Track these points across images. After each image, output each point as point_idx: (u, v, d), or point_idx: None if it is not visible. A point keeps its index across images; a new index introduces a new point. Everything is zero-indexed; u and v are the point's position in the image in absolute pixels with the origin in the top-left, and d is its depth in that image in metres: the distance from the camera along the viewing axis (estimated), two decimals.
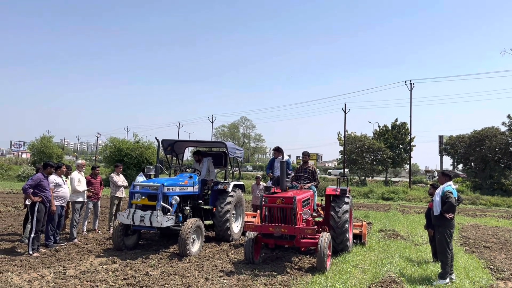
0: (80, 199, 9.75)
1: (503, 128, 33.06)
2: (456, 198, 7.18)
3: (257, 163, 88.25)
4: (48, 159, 35.76)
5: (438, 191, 7.20)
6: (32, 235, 7.95)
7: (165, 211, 8.46)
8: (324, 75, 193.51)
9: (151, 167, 10.11)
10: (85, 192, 9.97)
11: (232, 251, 8.96)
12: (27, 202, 8.82)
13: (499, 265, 8.22)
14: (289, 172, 9.92)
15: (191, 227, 8.18)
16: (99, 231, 10.80)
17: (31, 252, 7.87)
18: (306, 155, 10.09)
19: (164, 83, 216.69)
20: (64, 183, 8.99)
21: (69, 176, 9.70)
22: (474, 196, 28.25)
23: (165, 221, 8.18)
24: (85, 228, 10.42)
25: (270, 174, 10.51)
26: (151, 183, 8.67)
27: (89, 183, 10.45)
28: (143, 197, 8.52)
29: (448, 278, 6.86)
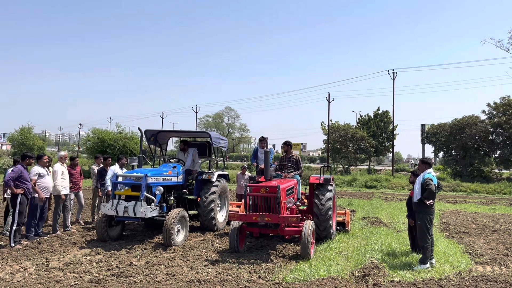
0: (64, 192, 9.56)
1: (483, 116, 33.64)
2: (436, 185, 7.32)
3: (242, 152, 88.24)
4: (28, 150, 35.09)
5: (419, 179, 7.33)
6: (14, 228, 7.86)
7: (149, 201, 8.43)
8: (308, 65, 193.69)
9: (134, 157, 10.02)
10: (68, 185, 9.76)
11: (217, 241, 8.99)
12: (5, 196, 8.66)
13: (478, 250, 8.43)
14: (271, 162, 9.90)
15: (176, 217, 8.18)
16: (82, 222, 10.70)
17: (13, 245, 7.78)
18: (287, 144, 10.06)
19: (148, 73, 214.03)
20: (48, 174, 8.84)
21: (51, 168, 9.53)
22: (455, 183, 28.77)
23: (149, 211, 8.15)
24: (69, 220, 10.17)
25: (255, 163, 10.52)
26: (135, 174, 8.61)
27: (68, 174, 10.32)
28: (127, 187, 8.48)
29: (428, 263, 7.02)
